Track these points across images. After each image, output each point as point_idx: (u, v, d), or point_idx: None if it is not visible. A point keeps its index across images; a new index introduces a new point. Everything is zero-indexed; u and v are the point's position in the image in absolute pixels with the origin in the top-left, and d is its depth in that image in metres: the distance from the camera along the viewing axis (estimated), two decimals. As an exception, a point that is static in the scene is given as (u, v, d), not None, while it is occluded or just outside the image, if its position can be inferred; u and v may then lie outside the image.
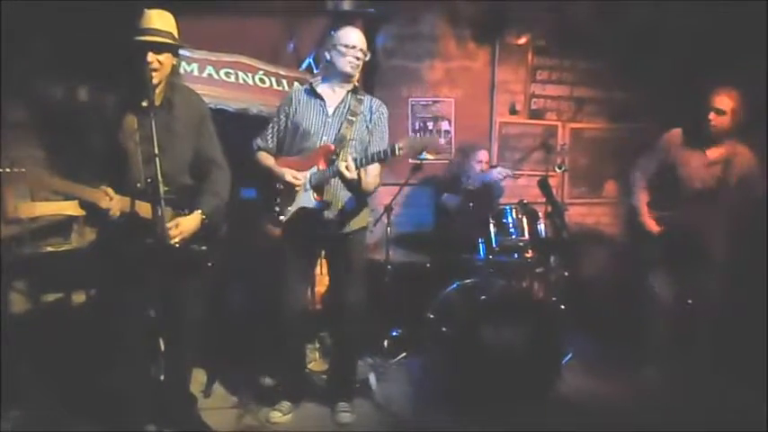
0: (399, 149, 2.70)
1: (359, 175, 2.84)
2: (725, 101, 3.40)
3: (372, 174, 2.97)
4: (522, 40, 5.01)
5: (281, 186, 2.99)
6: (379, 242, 4.47)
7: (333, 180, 2.93)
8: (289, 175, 2.94)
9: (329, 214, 2.99)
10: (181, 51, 2.66)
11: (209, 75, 3.61)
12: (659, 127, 3.76)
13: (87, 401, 2.98)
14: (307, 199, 2.95)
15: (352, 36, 2.95)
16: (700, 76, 3.95)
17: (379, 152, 2.80)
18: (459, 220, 4.08)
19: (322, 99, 3.02)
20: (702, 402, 3.30)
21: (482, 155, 4.33)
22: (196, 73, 3.56)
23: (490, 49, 5.00)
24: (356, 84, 3.07)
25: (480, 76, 5.02)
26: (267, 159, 3.10)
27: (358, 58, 2.96)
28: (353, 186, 2.93)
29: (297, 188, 2.94)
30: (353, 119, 2.98)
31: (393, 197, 4.04)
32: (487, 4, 4.83)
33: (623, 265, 4.44)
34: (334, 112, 3.01)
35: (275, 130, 3.11)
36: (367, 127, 3.02)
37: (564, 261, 4.16)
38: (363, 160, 2.82)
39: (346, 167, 2.77)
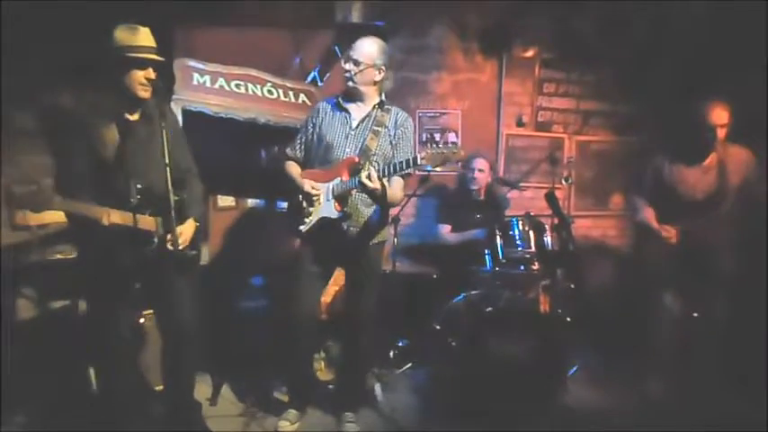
0: (421, 159, 2.70)
1: (383, 185, 2.79)
2: (723, 115, 3.41)
3: (396, 187, 2.96)
4: (529, 53, 5.04)
5: (301, 196, 3.00)
6: (386, 253, 4.48)
7: (355, 193, 2.93)
8: (308, 185, 2.96)
9: (350, 226, 2.99)
10: (195, 64, 2.72)
11: (221, 86, 3.73)
12: (664, 139, 3.77)
13: (93, 408, 2.99)
14: (328, 209, 2.95)
15: (353, 48, 2.97)
16: (701, 88, 3.96)
17: (401, 162, 2.79)
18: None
19: (348, 112, 3.04)
20: (707, 415, 3.28)
21: (479, 163, 4.30)
22: (208, 84, 3.66)
23: (497, 61, 5.03)
24: (382, 98, 3.06)
25: (487, 89, 5.04)
26: (293, 169, 3.13)
27: (347, 71, 2.96)
28: (376, 197, 2.88)
29: (316, 198, 2.95)
30: (379, 129, 2.97)
31: (401, 208, 4.05)
32: (495, 17, 4.86)
33: (629, 278, 4.44)
34: (359, 125, 3.01)
35: (303, 140, 3.14)
36: (390, 142, 3.00)
37: (570, 273, 4.16)
38: (386, 170, 2.81)
39: (368, 177, 2.74)
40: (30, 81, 3.48)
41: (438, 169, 2.93)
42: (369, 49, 2.95)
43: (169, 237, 2.57)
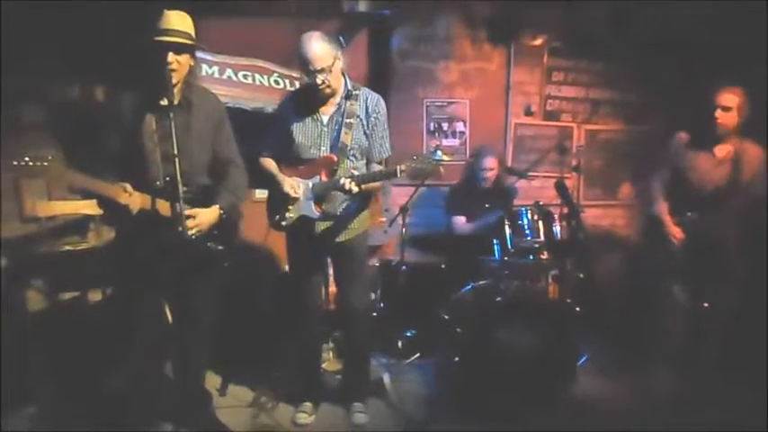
0: (401, 172, 2.73)
1: (361, 188, 2.79)
2: (730, 98, 3.39)
3: None
4: (538, 42, 5.00)
5: (281, 192, 2.93)
6: (394, 243, 4.48)
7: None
8: (287, 185, 2.89)
9: (331, 223, 2.98)
10: (203, 55, 2.70)
11: (229, 77, 3.82)
12: (673, 129, 3.74)
13: (102, 400, 3.01)
14: (308, 209, 2.92)
15: (308, 61, 2.75)
16: (708, 75, 3.92)
17: (381, 171, 2.84)
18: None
19: (316, 110, 2.94)
20: (715, 406, 3.27)
21: (490, 162, 4.26)
22: (217, 75, 3.75)
23: (505, 50, 4.98)
24: (349, 88, 2.93)
25: (495, 78, 5.00)
26: (270, 164, 3.04)
27: (321, 83, 2.78)
28: (356, 195, 2.85)
29: (296, 197, 2.90)
30: (351, 121, 2.89)
31: (409, 198, 4.05)
32: (502, 6, 4.82)
33: (639, 268, 4.41)
34: (329, 120, 2.93)
35: (274, 141, 3.05)
36: (365, 132, 2.94)
37: (579, 263, 4.14)
38: (366, 177, 2.82)
39: (350, 185, 2.73)
40: (44, 70, 3.48)
41: (446, 159, 2.91)
42: (320, 49, 2.73)
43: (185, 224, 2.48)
